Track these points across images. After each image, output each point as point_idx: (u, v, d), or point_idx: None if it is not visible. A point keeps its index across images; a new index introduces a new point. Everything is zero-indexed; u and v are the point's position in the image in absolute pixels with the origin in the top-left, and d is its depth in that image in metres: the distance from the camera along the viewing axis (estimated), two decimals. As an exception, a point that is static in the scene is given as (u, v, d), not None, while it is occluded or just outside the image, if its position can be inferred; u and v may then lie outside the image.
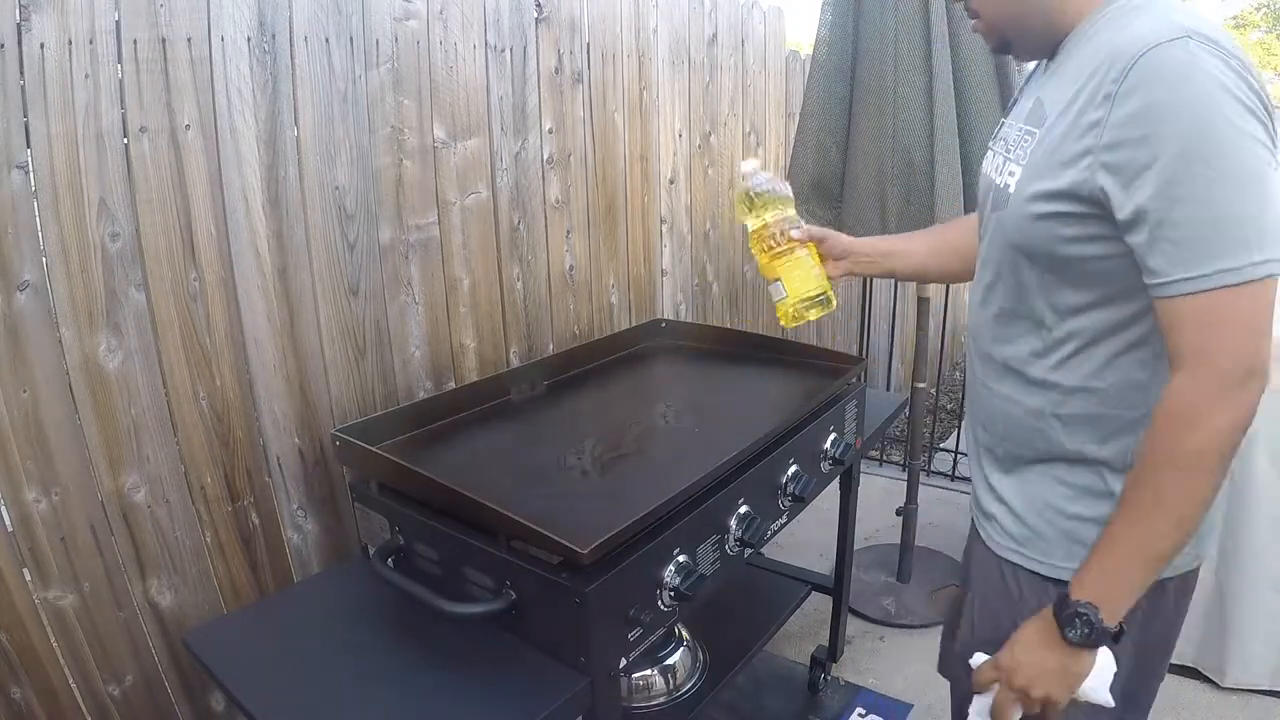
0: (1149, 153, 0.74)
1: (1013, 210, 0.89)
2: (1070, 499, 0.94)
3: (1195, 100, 0.73)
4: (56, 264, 1.12)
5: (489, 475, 1.36)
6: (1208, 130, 0.73)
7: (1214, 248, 0.73)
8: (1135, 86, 0.74)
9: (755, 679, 2.02)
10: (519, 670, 1.07)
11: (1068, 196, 0.82)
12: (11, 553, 1.11)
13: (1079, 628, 0.83)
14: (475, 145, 1.68)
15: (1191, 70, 0.73)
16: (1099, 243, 0.82)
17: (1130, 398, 0.87)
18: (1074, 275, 0.86)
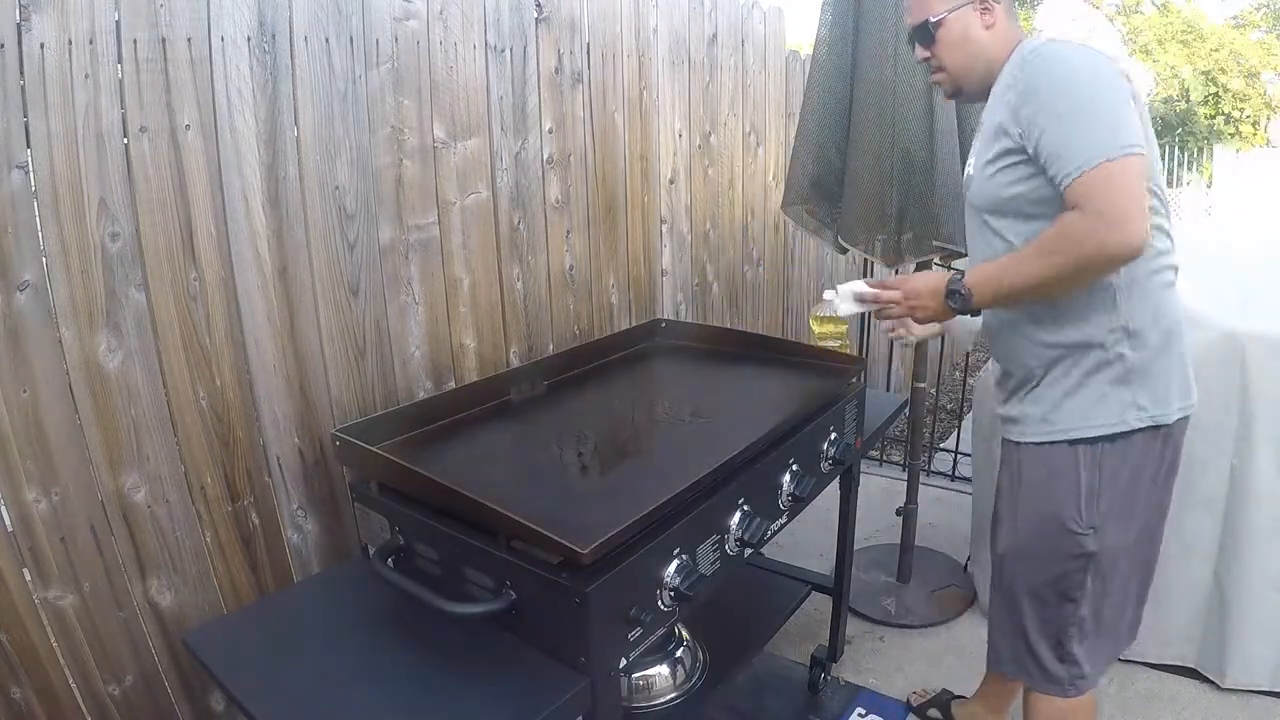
0: (1037, 102, 1.14)
1: (975, 185, 1.30)
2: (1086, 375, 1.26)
3: (1062, 65, 1.15)
4: (56, 264, 1.12)
5: (489, 475, 1.36)
6: (1063, 77, 1.14)
7: (1089, 143, 1.09)
8: (1025, 70, 1.18)
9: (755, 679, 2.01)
10: (519, 670, 1.07)
11: (1003, 153, 1.21)
12: (11, 553, 1.11)
13: (956, 299, 1.26)
14: (475, 145, 1.68)
15: (1056, 51, 1.17)
16: (1031, 179, 1.19)
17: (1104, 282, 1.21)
18: (1023, 209, 1.22)
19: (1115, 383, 1.25)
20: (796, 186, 2.19)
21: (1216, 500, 1.87)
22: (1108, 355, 1.24)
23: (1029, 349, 1.32)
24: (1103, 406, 1.25)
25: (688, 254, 2.48)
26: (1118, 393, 1.25)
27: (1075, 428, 1.27)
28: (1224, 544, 1.88)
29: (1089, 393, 1.26)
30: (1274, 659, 1.89)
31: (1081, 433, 1.27)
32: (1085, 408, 1.26)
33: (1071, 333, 1.26)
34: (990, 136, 1.23)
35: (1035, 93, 1.14)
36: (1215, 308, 1.85)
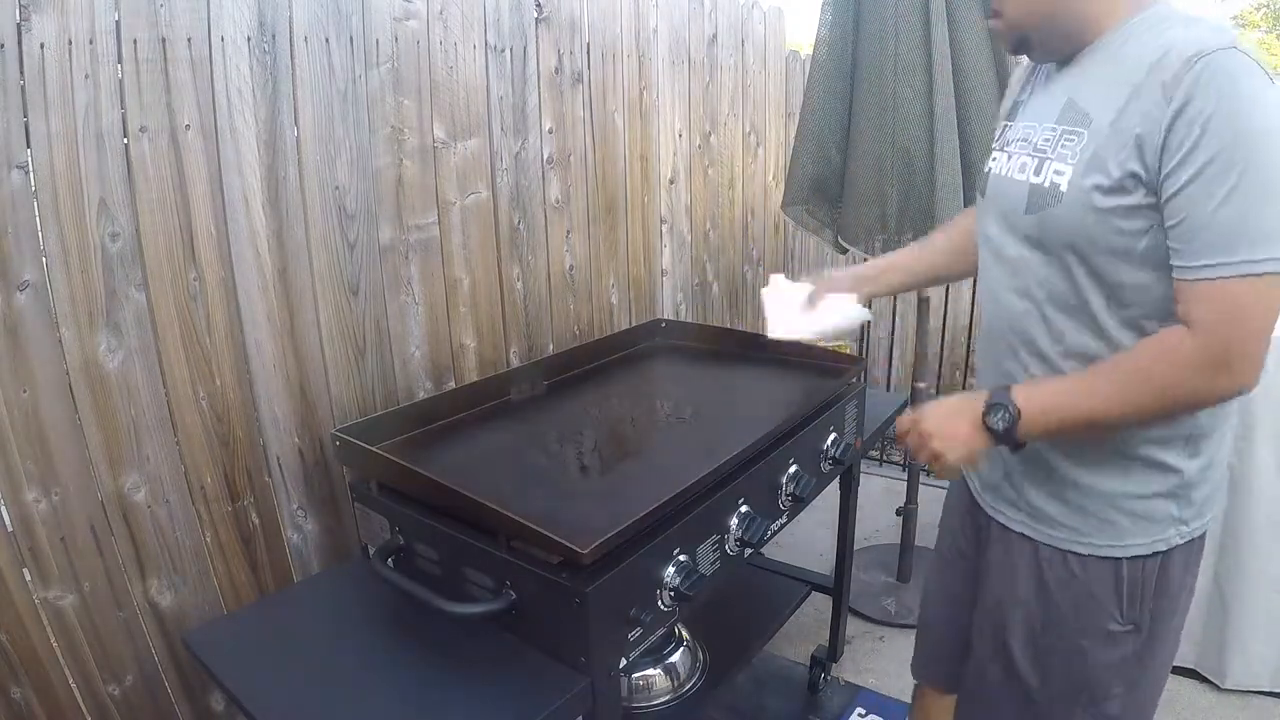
0: (1196, 151, 0.81)
1: (1068, 206, 0.93)
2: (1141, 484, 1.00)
3: (1242, 110, 0.80)
4: (56, 264, 1.12)
5: (489, 475, 1.36)
6: (1248, 139, 0.80)
7: (1237, 239, 0.81)
8: (1192, 89, 0.81)
9: (755, 679, 2.02)
10: (519, 670, 1.07)
11: (1126, 188, 0.88)
12: (11, 553, 1.11)
13: (996, 417, 0.95)
14: (475, 145, 1.68)
15: (1239, 81, 0.81)
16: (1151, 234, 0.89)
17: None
18: (1130, 259, 0.91)
19: (1159, 496, 1.00)
20: (796, 186, 2.20)
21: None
22: (1158, 462, 0.99)
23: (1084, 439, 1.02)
24: (1142, 521, 1.00)
25: (688, 254, 2.48)
26: (1161, 507, 1.00)
27: (1115, 544, 1.02)
28: (1224, 544, 1.88)
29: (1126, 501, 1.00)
30: (1274, 659, 1.89)
31: (1122, 551, 1.01)
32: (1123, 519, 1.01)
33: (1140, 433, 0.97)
34: (1106, 151, 0.88)
35: (1202, 140, 0.81)
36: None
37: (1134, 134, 0.86)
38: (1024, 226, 0.99)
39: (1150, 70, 0.85)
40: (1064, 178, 0.93)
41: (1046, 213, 0.95)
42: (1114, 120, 0.88)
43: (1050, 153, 0.96)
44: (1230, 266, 0.82)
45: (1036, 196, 0.96)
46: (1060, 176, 0.93)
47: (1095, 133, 0.90)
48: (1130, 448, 0.98)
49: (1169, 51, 0.84)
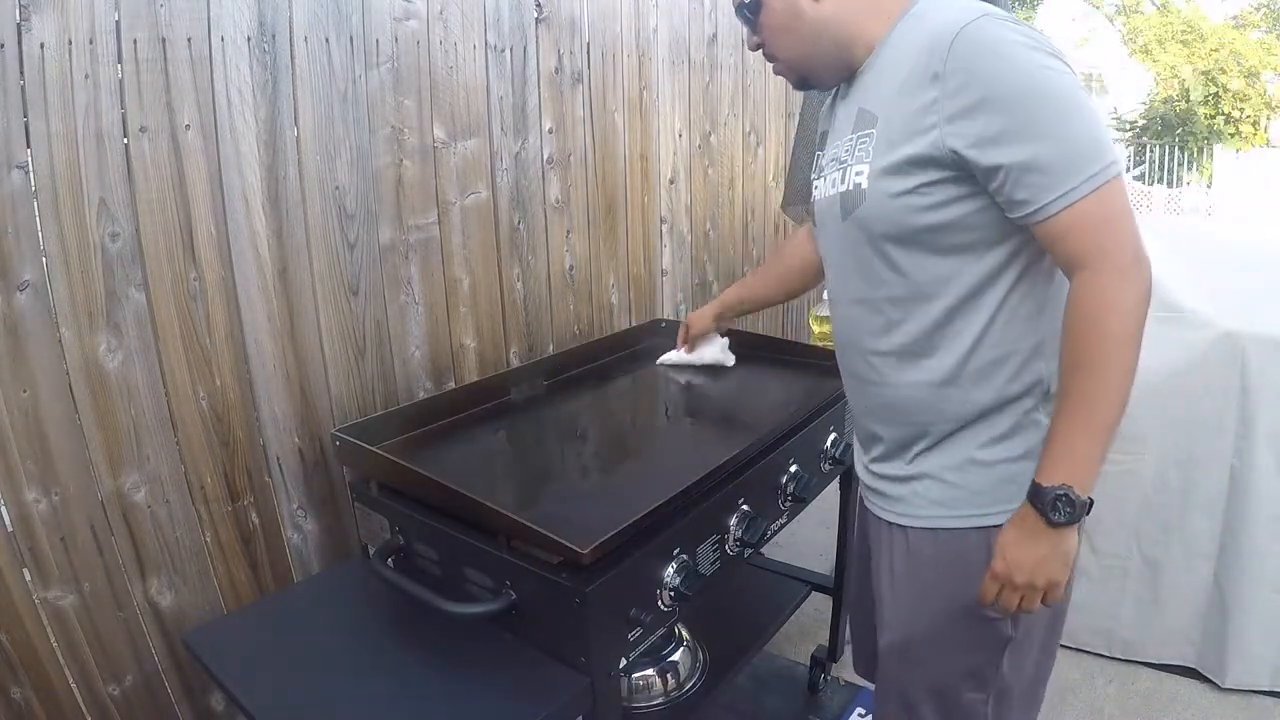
0: (988, 114, 0.86)
1: (871, 200, 0.97)
2: (994, 446, 1.01)
3: (1009, 60, 0.86)
4: (56, 264, 1.12)
5: (489, 475, 1.36)
6: (1028, 79, 0.86)
7: (1071, 165, 0.85)
8: (958, 62, 0.86)
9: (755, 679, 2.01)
10: (519, 670, 1.07)
11: (919, 165, 0.91)
12: (11, 553, 1.11)
13: (1062, 510, 0.90)
14: (475, 145, 1.68)
15: (997, 38, 0.86)
16: (958, 204, 0.92)
17: (1024, 330, 0.97)
18: (943, 243, 0.95)
19: (1027, 455, 0.99)
20: (796, 186, 2.19)
21: (1216, 500, 1.87)
22: (1022, 420, 1.00)
23: (918, 404, 1.03)
24: (1011, 484, 0.99)
25: (688, 254, 2.48)
26: (1029, 467, 0.95)
27: (982, 513, 1.01)
28: (1224, 544, 1.88)
29: (996, 467, 1.00)
30: (1274, 659, 1.89)
31: (991, 519, 1.00)
32: (991, 487, 1.01)
33: (979, 392, 0.99)
34: (894, 140, 0.93)
35: (988, 92, 0.85)
36: (1215, 308, 1.85)
37: (917, 118, 0.90)
38: (845, 233, 1.03)
39: (917, 62, 0.90)
40: (864, 175, 0.97)
41: (856, 213, 0.99)
42: (895, 110, 0.94)
43: (850, 159, 1.00)
44: (1076, 190, 0.85)
45: (846, 201, 1.00)
46: (860, 176, 0.98)
47: (882, 127, 0.95)
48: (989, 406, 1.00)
49: (930, 40, 0.89)
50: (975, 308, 0.96)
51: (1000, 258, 0.95)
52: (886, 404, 1.07)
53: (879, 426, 1.10)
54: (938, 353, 0.99)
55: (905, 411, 1.05)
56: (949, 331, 0.98)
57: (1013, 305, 0.96)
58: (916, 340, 1.00)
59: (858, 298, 1.05)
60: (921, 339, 1.00)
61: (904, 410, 1.05)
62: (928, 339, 1.00)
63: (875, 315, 1.03)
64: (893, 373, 1.04)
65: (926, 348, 1.00)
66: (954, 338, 0.98)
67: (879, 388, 1.07)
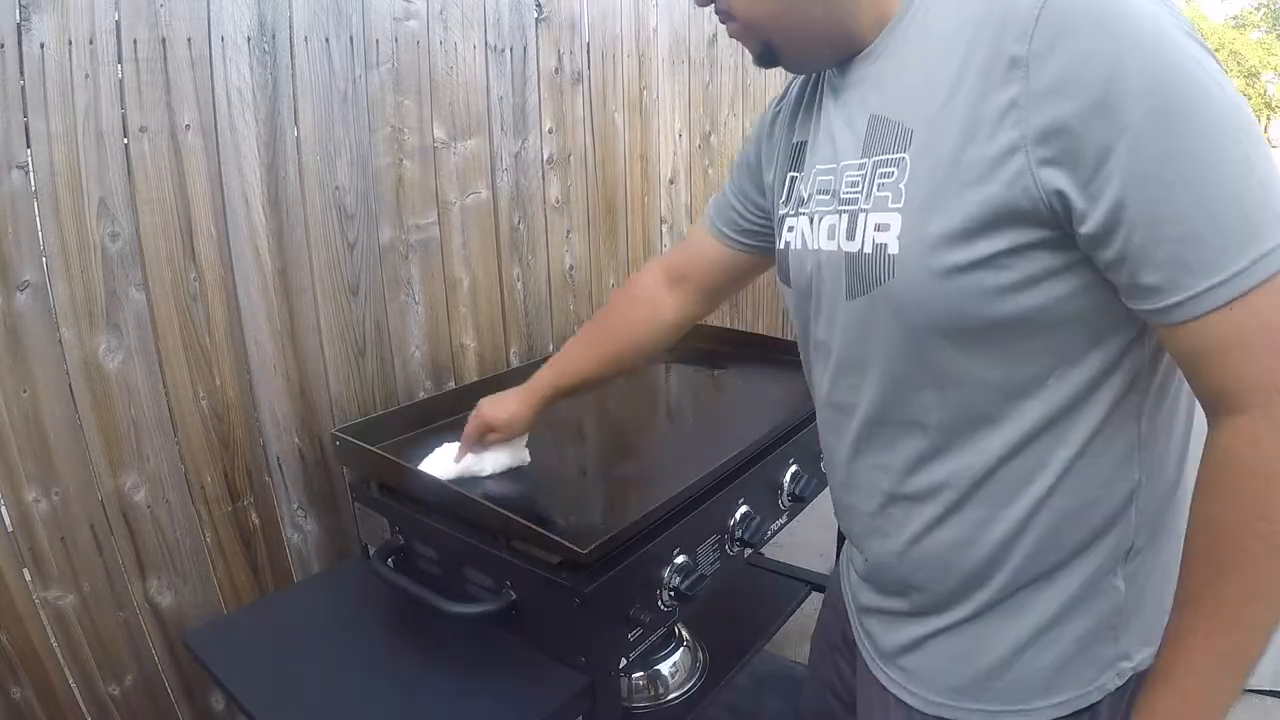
0: (1108, 124, 0.51)
1: (907, 278, 0.61)
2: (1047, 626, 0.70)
3: (1145, 40, 0.51)
4: (56, 264, 1.12)
5: (489, 475, 1.36)
6: (1178, 78, 0.51)
7: (1238, 233, 0.51)
8: (1056, 38, 0.52)
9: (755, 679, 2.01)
10: (519, 670, 1.07)
11: (996, 223, 0.56)
12: (11, 553, 1.11)
13: None
14: (475, 145, 1.68)
15: (1125, 5, 0.51)
16: (1051, 281, 0.58)
17: (1117, 469, 0.66)
18: (1022, 344, 0.61)
19: (1092, 633, 0.69)
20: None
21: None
22: (1089, 587, 0.68)
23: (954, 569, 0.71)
24: (1065, 672, 0.70)
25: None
26: (1095, 648, 0.69)
27: (1025, 708, 0.71)
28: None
29: (1047, 649, 0.70)
30: (1274, 659, 1.89)
31: (1035, 716, 0.71)
32: (1038, 675, 0.70)
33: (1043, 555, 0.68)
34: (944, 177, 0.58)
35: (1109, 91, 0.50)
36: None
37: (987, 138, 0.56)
38: (856, 317, 0.68)
39: (977, 42, 0.56)
40: (891, 234, 0.62)
41: (879, 290, 0.64)
42: (944, 124, 0.58)
43: (863, 200, 0.65)
44: (1244, 274, 0.51)
45: (859, 270, 0.65)
46: (886, 234, 0.62)
47: (921, 151, 0.60)
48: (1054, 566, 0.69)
49: (995, 7, 0.55)
50: (1057, 438, 0.64)
51: (1100, 363, 0.62)
52: (910, 561, 0.74)
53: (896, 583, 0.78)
54: (996, 502, 0.67)
55: (939, 574, 0.73)
56: (1016, 473, 0.66)
57: (1109, 434, 0.64)
58: (966, 484, 0.68)
59: (868, 416, 0.72)
60: (974, 482, 0.67)
61: (937, 572, 0.73)
62: (983, 482, 0.67)
63: (900, 440, 0.70)
64: (922, 524, 0.71)
65: (979, 494, 0.67)
66: (1023, 482, 0.66)
67: (899, 542, 0.74)
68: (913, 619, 0.77)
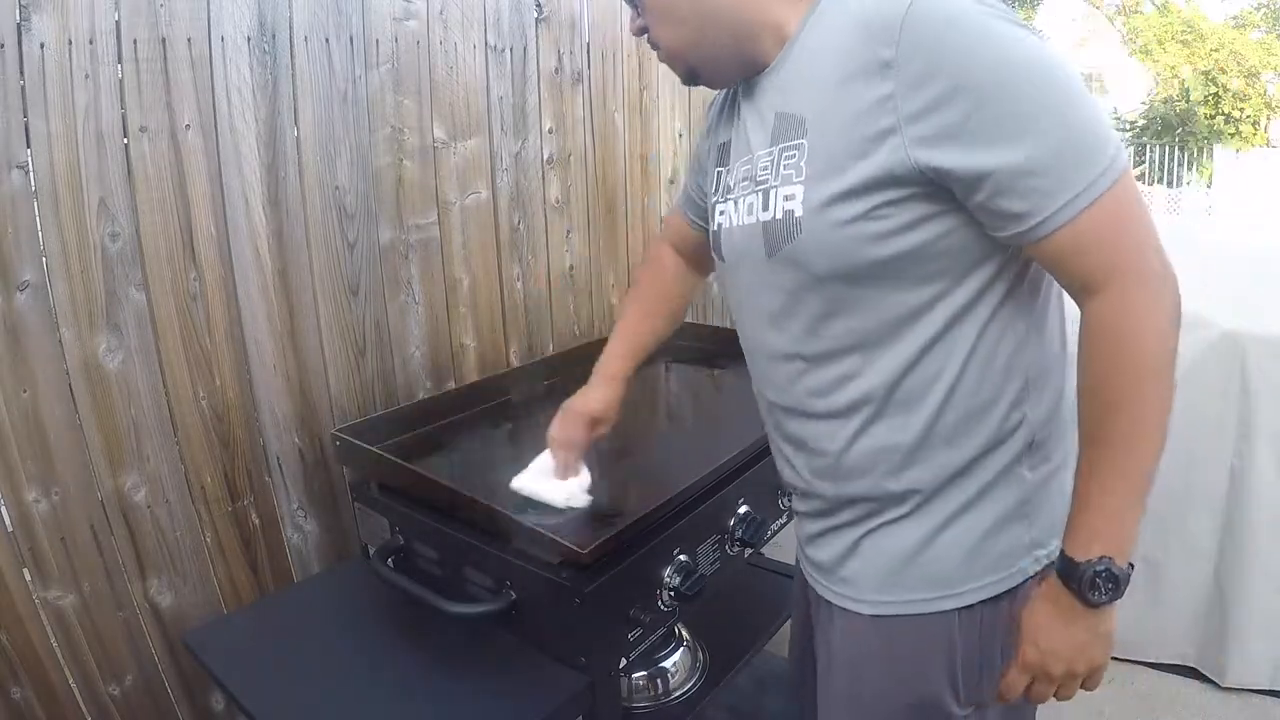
0: (963, 107, 0.67)
1: (810, 233, 0.76)
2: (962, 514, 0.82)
3: (979, 36, 0.67)
4: (56, 264, 1.12)
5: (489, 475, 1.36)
6: (1006, 57, 0.67)
7: (1075, 162, 0.67)
8: (915, 44, 0.68)
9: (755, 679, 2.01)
10: (519, 670, 1.07)
11: (877, 185, 0.72)
12: (11, 553, 1.11)
13: (1103, 588, 0.72)
14: (475, 145, 1.68)
15: (958, 10, 0.68)
16: (925, 225, 0.73)
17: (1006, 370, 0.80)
18: (906, 276, 0.76)
19: (1006, 518, 0.82)
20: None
21: (1217, 500, 1.87)
22: (1000, 477, 0.82)
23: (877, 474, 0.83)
24: (986, 556, 0.82)
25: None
26: (1010, 531, 0.82)
27: (945, 594, 0.83)
28: (1224, 544, 1.88)
29: (967, 535, 0.82)
30: (1274, 659, 1.89)
31: (958, 600, 0.83)
32: (961, 560, 0.82)
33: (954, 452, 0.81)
34: (834, 152, 0.74)
35: (960, 80, 0.67)
36: (1215, 308, 1.85)
37: (866, 121, 0.71)
38: (772, 273, 0.82)
39: (856, 50, 0.71)
40: (795, 201, 0.77)
41: (788, 248, 0.79)
42: (832, 112, 0.74)
43: (773, 179, 0.79)
44: (1085, 193, 0.67)
45: (773, 234, 0.80)
46: (791, 201, 0.77)
47: (816, 135, 0.75)
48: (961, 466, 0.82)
49: (869, 22, 0.71)
50: (947, 350, 0.78)
51: (975, 286, 0.77)
52: (837, 475, 0.86)
53: (827, 499, 0.90)
54: (903, 411, 0.81)
55: (863, 483, 0.85)
56: (916, 382, 0.80)
57: (991, 342, 0.78)
58: (875, 398, 0.81)
59: (790, 351, 0.85)
60: (882, 396, 0.81)
61: (861, 481, 0.85)
62: (889, 394, 0.81)
63: (817, 370, 0.83)
64: (845, 439, 0.84)
65: (888, 405, 0.81)
66: (922, 389, 0.80)
67: (827, 457, 0.86)
68: (846, 528, 0.88)
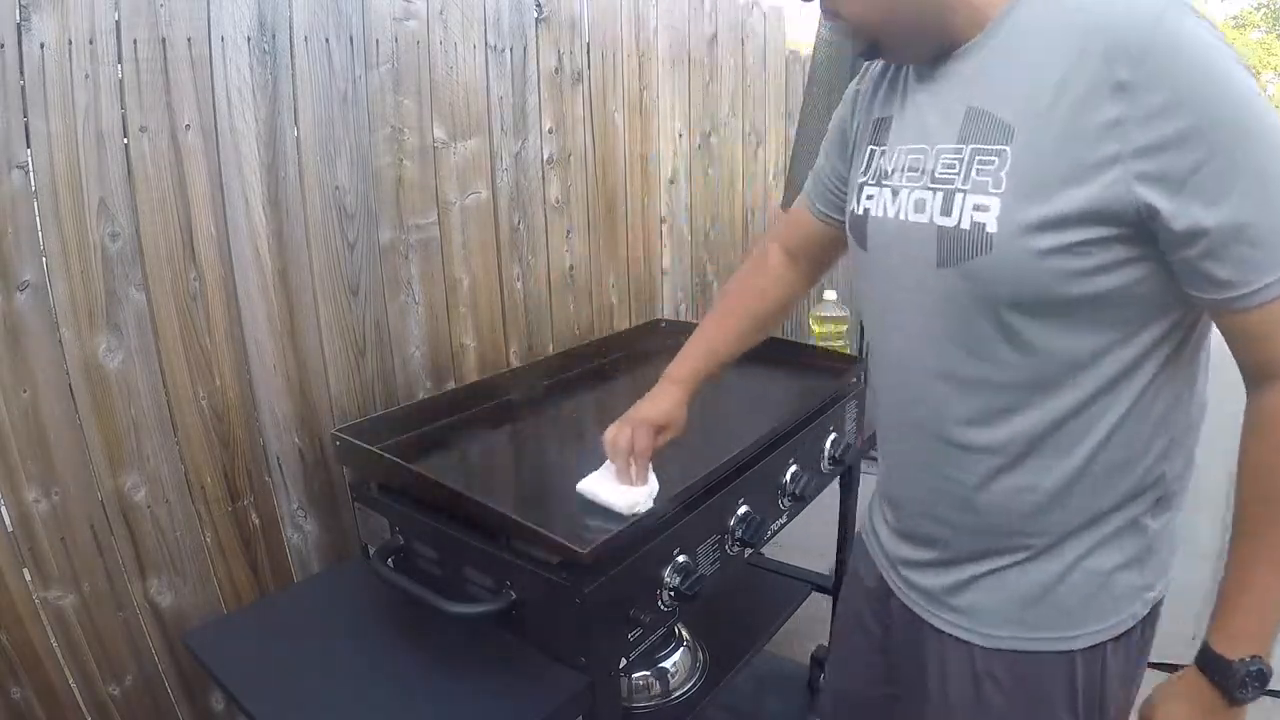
0: (1199, 150, 0.63)
1: (1003, 254, 0.71)
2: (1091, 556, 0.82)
3: (1223, 77, 0.63)
4: (56, 264, 1.12)
5: (489, 475, 1.37)
6: (1249, 109, 0.63)
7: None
8: (1159, 72, 0.62)
9: (755, 679, 2.01)
10: (519, 670, 1.07)
11: (1088, 219, 0.67)
12: (11, 553, 1.11)
13: (1251, 688, 0.73)
14: (475, 145, 1.68)
15: (1208, 45, 0.63)
16: (1124, 269, 0.69)
17: (1158, 426, 0.79)
18: (1093, 318, 0.72)
19: (1126, 564, 0.83)
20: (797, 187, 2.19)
21: (1217, 500, 1.87)
22: (1128, 526, 0.82)
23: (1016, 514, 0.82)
24: (1106, 598, 0.83)
25: (688, 254, 2.48)
26: (1127, 576, 0.83)
27: (1068, 635, 0.84)
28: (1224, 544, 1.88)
29: (1090, 580, 0.82)
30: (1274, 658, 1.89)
31: (1080, 641, 0.84)
32: (1082, 602, 0.83)
33: (1095, 500, 0.80)
34: (1046, 172, 0.68)
35: (1202, 122, 0.62)
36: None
37: (1089, 145, 0.66)
38: (942, 284, 0.77)
39: (1082, 59, 0.66)
40: (991, 215, 0.71)
41: (971, 264, 0.73)
42: (1047, 124, 0.68)
43: (960, 182, 0.74)
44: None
45: (952, 243, 0.74)
46: (985, 214, 0.71)
47: (1024, 148, 0.69)
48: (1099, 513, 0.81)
49: (1099, 30, 0.65)
50: (1113, 399, 0.76)
51: (1151, 339, 0.74)
52: (971, 509, 0.84)
53: (949, 529, 0.88)
54: (1055, 454, 0.78)
55: (997, 520, 0.83)
56: (1076, 427, 0.77)
57: (1150, 398, 0.76)
58: (1030, 438, 0.78)
59: (949, 371, 0.80)
60: (1037, 437, 0.78)
61: (996, 519, 0.83)
62: (1045, 437, 0.78)
63: (975, 398, 0.80)
64: (988, 474, 0.81)
65: (1041, 447, 0.79)
66: (1081, 435, 0.77)
67: (964, 489, 0.84)
68: (967, 561, 0.87)
